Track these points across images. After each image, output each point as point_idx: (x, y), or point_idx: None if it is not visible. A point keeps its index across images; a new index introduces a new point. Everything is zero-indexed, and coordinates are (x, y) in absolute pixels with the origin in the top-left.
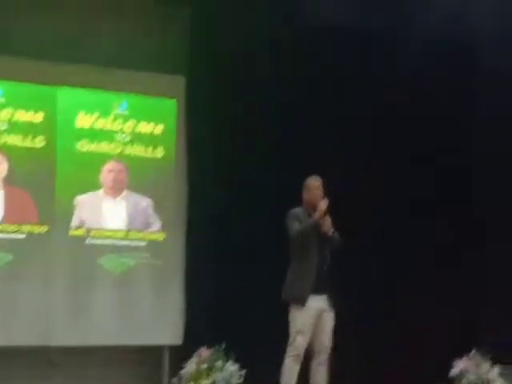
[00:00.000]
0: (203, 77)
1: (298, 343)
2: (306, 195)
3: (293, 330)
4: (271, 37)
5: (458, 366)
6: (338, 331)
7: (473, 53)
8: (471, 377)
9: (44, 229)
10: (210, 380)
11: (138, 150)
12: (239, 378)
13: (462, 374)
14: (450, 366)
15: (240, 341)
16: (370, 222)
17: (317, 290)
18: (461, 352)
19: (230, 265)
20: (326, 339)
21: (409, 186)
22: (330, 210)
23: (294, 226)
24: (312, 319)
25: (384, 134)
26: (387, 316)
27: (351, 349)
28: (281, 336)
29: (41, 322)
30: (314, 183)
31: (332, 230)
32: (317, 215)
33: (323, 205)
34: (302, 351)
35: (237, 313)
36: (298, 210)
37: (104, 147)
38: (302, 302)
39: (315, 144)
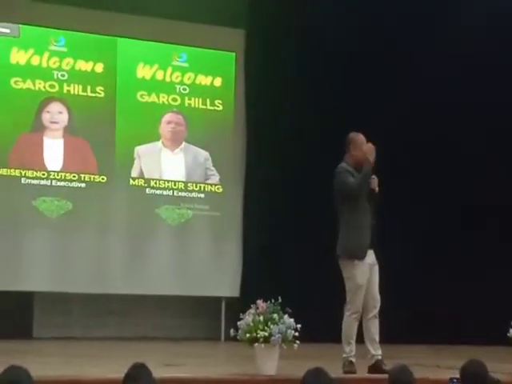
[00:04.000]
0: (262, 31)
1: (358, 299)
2: (355, 152)
3: (352, 287)
4: None
5: None
6: (393, 287)
7: None
8: None
9: (103, 178)
10: (267, 332)
11: (196, 102)
12: (295, 332)
13: None
14: (507, 327)
15: (295, 295)
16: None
17: (368, 244)
18: None
19: (287, 219)
20: (376, 292)
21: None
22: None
23: (351, 180)
24: (368, 273)
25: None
26: (449, 276)
27: (406, 305)
28: (335, 292)
29: (99, 271)
30: (363, 139)
31: (377, 188)
32: (370, 164)
33: (372, 148)
34: (361, 307)
35: (293, 268)
36: (345, 166)
37: (163, 98)
38: (361, 256)
39: (372, 104)
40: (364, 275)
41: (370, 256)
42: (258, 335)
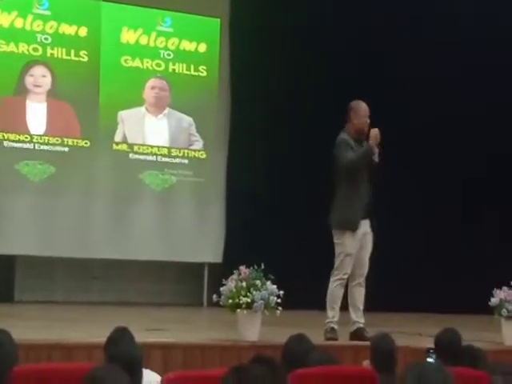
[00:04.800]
0: None
1: (345, 266)
2: (356, 120)
3: (341, 254)
4: None
5: (498, 295)
6: (381, 256)
7: None
8: (510, 307)
9: (87, 142)
10: (249, 298)
11: (180, 68)
12: (277, 298)
13: (501, 304)
14: (490, 296)
15: (278, 262)
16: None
17: (363, 215)
18: (501, 283)
19: (271, 185)
20: (366, 261)
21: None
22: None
23: (349, 154)
24: (359, 243)
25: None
26: (431, 245)
27: (391, 274)
28: (319, 259)
29: (82, 235)
30: (365, 108)
31: (377, 158)
32: (373, 143)
33: (376, 133)
34: (347, 275)
35: (276, 234)
36: (345, 138)
37: (147, 63)
38: (354, 227)
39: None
40: (355, 245)
41: (364, 225)
42: (241, 301)
